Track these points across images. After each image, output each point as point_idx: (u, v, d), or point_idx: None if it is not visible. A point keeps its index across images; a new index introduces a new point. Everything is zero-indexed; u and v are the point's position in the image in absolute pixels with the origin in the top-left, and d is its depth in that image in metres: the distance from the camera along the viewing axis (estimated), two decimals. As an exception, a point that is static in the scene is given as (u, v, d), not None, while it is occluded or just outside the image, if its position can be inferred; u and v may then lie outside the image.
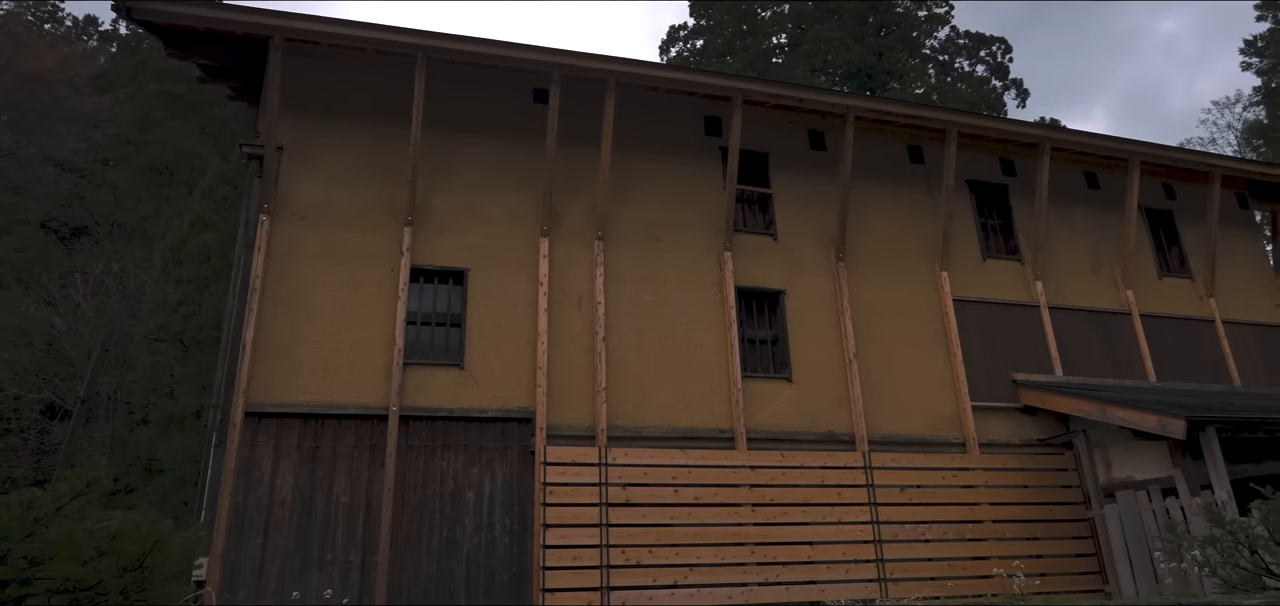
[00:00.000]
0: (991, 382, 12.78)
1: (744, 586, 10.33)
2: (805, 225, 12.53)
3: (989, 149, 14.01)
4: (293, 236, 9.88)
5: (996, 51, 48.81)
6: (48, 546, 3.37)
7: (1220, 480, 10.36)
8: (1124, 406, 11.36)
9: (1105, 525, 11.89)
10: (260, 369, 9.26)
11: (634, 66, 11.06)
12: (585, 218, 11.28)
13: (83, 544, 3.52)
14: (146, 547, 3.88)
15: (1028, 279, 13.67)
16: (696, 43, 46.50)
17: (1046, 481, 12.35)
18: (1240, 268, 15.64)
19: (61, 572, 3.47)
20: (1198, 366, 14.45)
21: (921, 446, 11.92)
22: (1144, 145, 14.26)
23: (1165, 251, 15.30)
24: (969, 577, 11.49)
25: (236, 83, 11.37)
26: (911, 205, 13.40)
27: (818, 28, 41.75)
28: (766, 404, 11.40)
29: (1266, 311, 15.65)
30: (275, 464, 9.12)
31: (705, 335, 11.35)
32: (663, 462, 10.47)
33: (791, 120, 12.81)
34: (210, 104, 49.42)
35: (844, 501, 11.16)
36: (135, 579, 3.79)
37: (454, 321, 10.45)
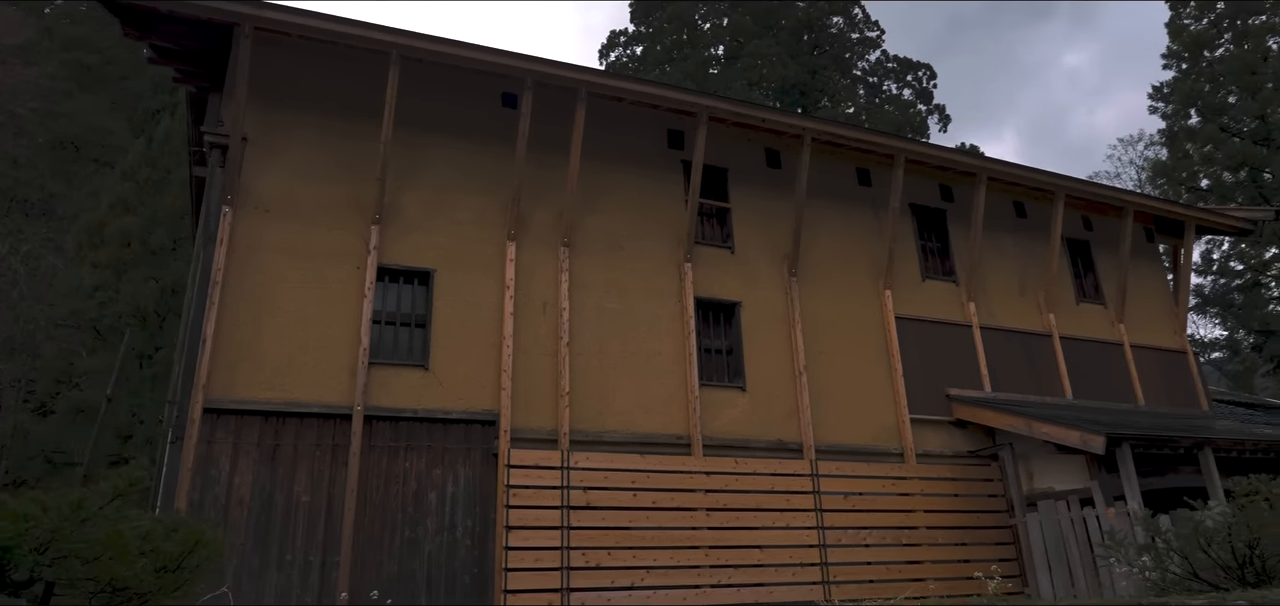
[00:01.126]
0: (928, 396, 13.51)
1: (697, 588, 10.66)
2: (760, 239, 12.99)
3: (931, 175, 14.80)
4: (256, 230, 9.67)
5: (922, 77, 50.87)
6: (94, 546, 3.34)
7: (1133, 492, 11.27)
8: (1049, 422, 12.23)
9: (1027, 532, 12.74)
10: (220, 364, 9.04)
11: (605, 77, 11.27)
12: (551, 223, 11.41)
13: (129, 544, 3.50)
14: (187, 548, 3.87)
15: (962, 299, 14.50)
16: (636, 49, 46.91)
17: (975, 490, 13.14)
18: (1146, 296, 16.95)
19: (107, 573, 3.44)
20: (1108, 386, 15.60)
21: (864, 456, 12.52)
22: (1069, 180, 15.33)
23: (1082, 279, 16.45)
24: (904, 581, 12.12)
25: (189, 67, 10.99)
26: (858, 225, 14.03)
27: (756, 42, 42.74)
28: (721, 412, 11.77)
29: (1167, 337, 17.00)
30: (234, 461, 8.93)
31: (665, 343, 11.64)
32: (622, 467, 10.70)
33: (749, 138, 13.24)
34: (121, 77, 46.91)
35: (792, 507, 11.63)
36: (172, 579, 3.78)
37: (419, 322, 10.42)
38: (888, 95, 50.92)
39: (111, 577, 3.47)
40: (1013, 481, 13.16)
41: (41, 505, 3.24)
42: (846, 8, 47.22)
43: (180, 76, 11.63)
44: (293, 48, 10.28)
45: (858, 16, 47.58)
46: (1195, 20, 22.51)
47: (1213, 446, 12.16)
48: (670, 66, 44.72)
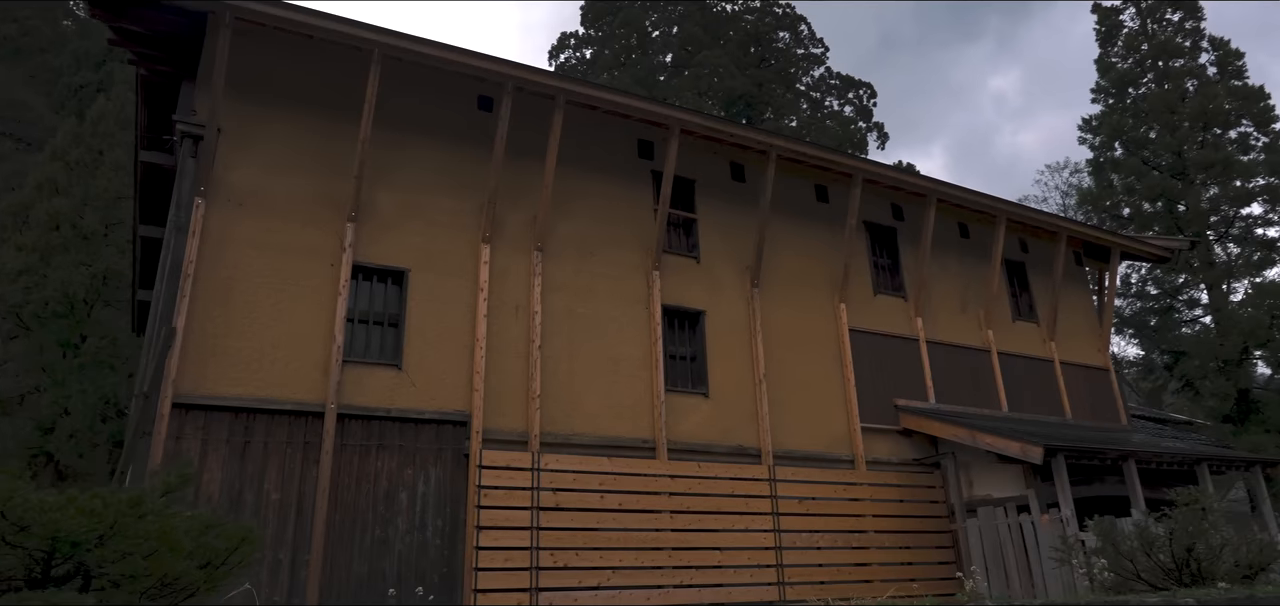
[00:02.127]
0: (877, 406, 14.12)
1: (661, 588, 10.94)
2: (725, 250, 13.37)
3: (883, 194, 15.46)
4: (229, 223, 9.52)
5: (863, 95, 52.42)
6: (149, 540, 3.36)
7: (1066, 499, 12.05)
8: (991, 433, 12.96)
9: (967, 536, 13.45)
10: (190, 359, 8.88)
11: (582, 86, 11.47)
12: (524, 227, 11.53)
13: (181, 540, 3.52)
14: (233, 544, 3.90)
15: (910, 314, 15.19)
16: (586, 52, 47.10)
17: (919, 496, 13.79)
18: (1074, 316, 18.04)
19: (160, 568, 3.45)
20: (1040, 400, 16.56)
21: (818, 462, 13.02)
22: (1010, 204, 16.23)
23: (1018, 298, 17.40)
24: (853, 583, 12.67)
25: (154, 52, 10.71)
26: (816, 239, 14.56)
27: (706, 52, 43.41)
28: (685, 417, 12.08)
29: (1092, 355, 18.13)
30: (203, 457, 8.78)
31: (632, 349, 11.88)
32: (591, 469, 10.90)
33: (716, 151, 13.62)
34: (40, 50, 44.52)
35: (751, 511, 12.02)
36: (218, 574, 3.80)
37: (392, 321, 10.41)
38: (830, 111, 52.31)
39: (163, 572, 3.50)
40: (954, 488, 13.87)
41: (103, 500, 3.26)
42: (793, 24, 48.39)
43: (140, 60, 11.32)
44: (268, 39, 10.14)
45: (804, 33, 48.82)
46: (1122, 59, 24.11)
47: (1136, 459, 13.08)
48: (619, 71, 45.05)
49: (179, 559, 3.51)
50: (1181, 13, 23.50)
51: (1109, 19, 24.62)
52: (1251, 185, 21.29)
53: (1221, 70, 22.71)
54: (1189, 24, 23.39)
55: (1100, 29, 24.70)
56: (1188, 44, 23.12)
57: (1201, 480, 13.82)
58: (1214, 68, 22.90)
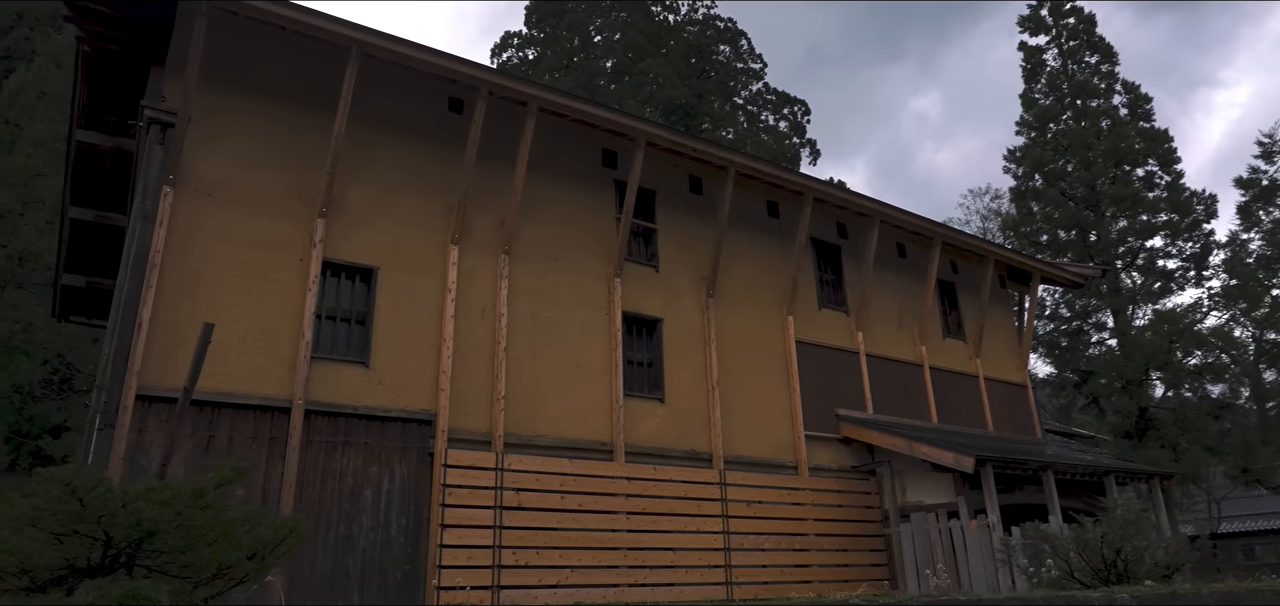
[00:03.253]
0: (820, 415, 14.79)
1: (616, 587, 11.25)
2: (682, 260, 13.80)
3: (830, 212, 16.18)
4: (197, 214, 9.37)
5: (798, 111, 53.89)
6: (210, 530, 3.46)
7: (993, 506, 12.94)
8: (926, 443, 13.78)
9: (900, 540, 14.23)
10: (155, 350, 8.72)
11: (555, 94, 11.71)
12: (492, 230, 11.68)
13: (237, 530, 3.61)
14: (281, 535, 4.00)
15: (851, 328, 15.95)
16: (529, 52, 47.02)
17: (856, 502, 14.52)
18: (998, 335, 19.21)
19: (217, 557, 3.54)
20: (966, 413, 17.59)
21: (765, 467, 13.57)
22: (945, 228, 17.22)
23: (948, 316, 18.44)
24: (795, 583, 13.26)
25: (116, 33, 10.43)
26: (767, 253, 15.15)
27: (649, 61, 43.97)
28: (642, 421, 12.44)
29: (1012, 372, 19.34)
30: (167, 452, 8.62)
31: (593, 353, 12.17)
32: (552, 470, 11.13)
33: (676, 163, 14.04)
34: (-61, 13, 41.79)
35: (702, 513, 12.47)
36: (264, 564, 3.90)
37: (360, 319, 10.41)
38: (765, 125, 53.62)
39: (220, 561, 3.59)
40: (889, 495, 14.65)
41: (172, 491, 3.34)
42: (734, 39, 49.48)
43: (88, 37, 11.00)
44: (241, 30, 10.02)
45: (744, 48, 49.96)
46: (1044, 96, 25.79)
47: (1054, 470, 14.11)
48: (562, 74, 45.17)
49: (235, 549, 3.64)
50: (1098, 56, 25.36)
51: (1034, 57, 26.32)
52: (1154, 220, 23.17)
53: (1132, 112, 24.60)
54: (1105, 68, 25.26)
55: (1026, 66, 26.37)
56: (1103, 86, 24.94)
57: (1108, 491, 15.01)
58: (1126, 109, 24.77)
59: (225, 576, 3.69)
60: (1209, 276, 23.54)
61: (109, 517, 3.26)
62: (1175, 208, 22.89)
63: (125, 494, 3.27)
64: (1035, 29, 26.51)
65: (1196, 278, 23.50)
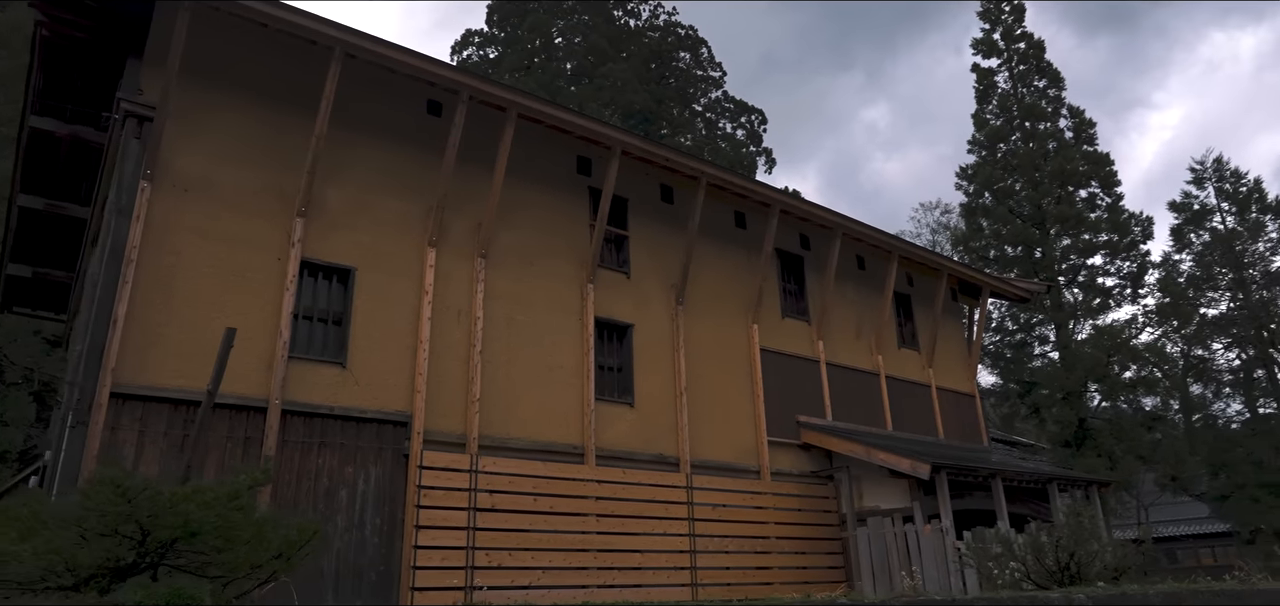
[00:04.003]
0: (782, 421, 15.20)
1: (585, 588, 11.44)
2: (653, 267, 14.05)
3: (794, 224, 16.63)
4: (174, 209, 9.26)
5: (754, 120, 54.67)
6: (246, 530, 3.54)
7: (947, 511, 13.50)
8: (884, 450, 14.29)
9: (856, 544, 14.72)
10: (130, 347, 8.61)
11: (534, 101, 11.83)
12: (468, 233, 11.76)
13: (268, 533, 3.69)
14: (306, 537, 4.08)
15: (813, 337, 16.42)
16: (490, 51, 46.79)
17: (815, 506, 14.97)
18: (949, 346, 19.95)
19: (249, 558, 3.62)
20: (918, 420, 18.24)
21: (730, 472, 13.91)
22: (903, 242, 17.83)
23: (903, 327, 19.08)
24: (756, 585, 13.62)
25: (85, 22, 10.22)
26: (733, 262, 15.51)
27: (611, 65, 44.18)
28: (612, 425, 12.65)
29: (962, 382, 20.10)
30: (139, 450, 8.54)
31: (566, 358, 12.34)
32: (525, 473, 11.27)
33: (648, 172, 14.29)
34: None
35: (669, 516, 12.74)
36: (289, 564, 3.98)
37: (336, 319, 10.40)
38: (723, 133, 54.30)
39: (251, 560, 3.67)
40: (847, 499, 15.13)
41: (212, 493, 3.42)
42: (695, 47, 50.01)
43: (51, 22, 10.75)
44: (222, 24, 9.93)
45: (704, 56, 50.53)
46: (995, 117, 26.84)
47: (1002, 477, 14.77)
48: (523, 75, 45.08)
49: (266, 549, 3.73)
50: (1046, 81, 26.51)
51: (986, 79, 27.37)
52: (1096, 239, 24.34)
53: (1077, 135, 25.78)
54: (1052, 92, 26.42)
55: (979, 87, 27.41)
56: (1051, 109, 26.08)
57: (1051, 497, 15.76)
58: (1071, 132, 25.96)
59: (254, 575, 3.79)
60: (1144, 294, 24.86)
61: (156, 518, 3.33)
62: (1115, 228, 24.08)
63: (173, 495, 3.34)
64: (988, 52, 27.59)
65: (1132, 295, 24.77)
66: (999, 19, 27.45)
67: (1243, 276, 23.78)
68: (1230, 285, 24.05)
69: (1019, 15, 27.37)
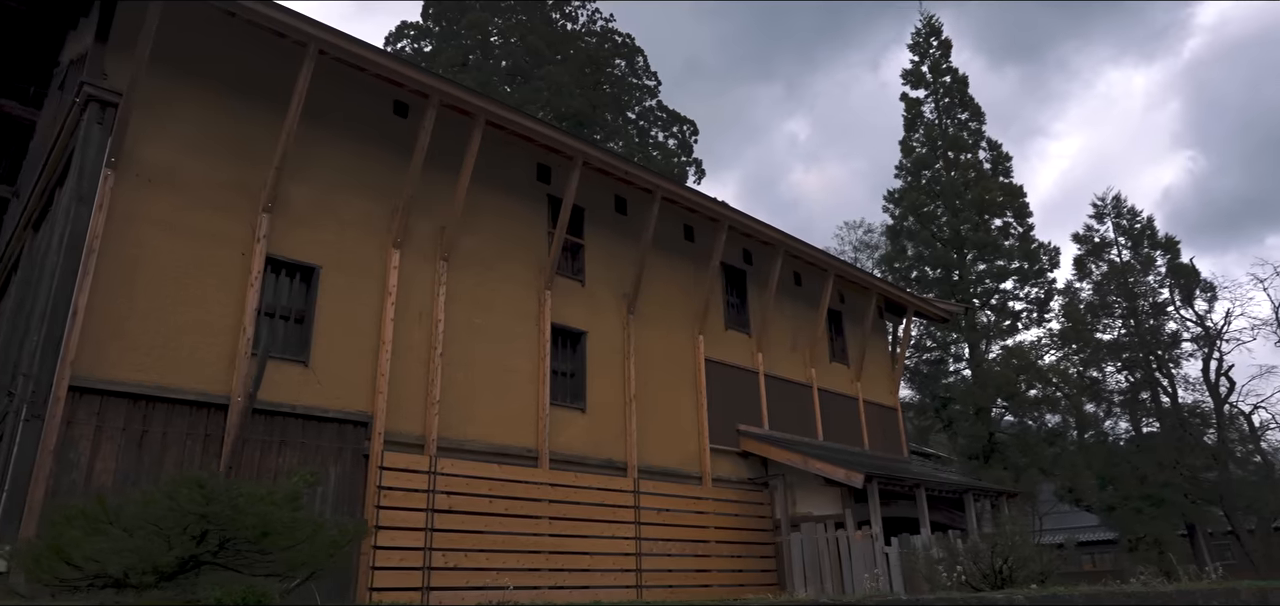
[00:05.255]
0: (723, 429, 15.78)
1: (537, 589, 11.68)
2: (607, 276, 14.39)
3: (737, 239, 17.25)
4: (137, 200, 9.04)
5: (686, 130, 55.43)
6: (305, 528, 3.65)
7: (877, 518, 14.32)
8: (820, 459, 15.03)
9: (790, 549, 15.41)
10: (89, 339, 8.38)
11: (502, 108, 11.98)
12: (431, 236, 11.82)
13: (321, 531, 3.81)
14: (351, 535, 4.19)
15: (753, 350, 17.08)
16: (425, 45, 46.09)
17: (751, 512, 15.60)
18: (875, 362, 21.01)
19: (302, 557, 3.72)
20: (846, 431, 19.17)
21: (674, 477, 14.38)
22: (838, 261, 18.73)
23: (834, 342, 20.00)
24: (696, 587, 14.13)
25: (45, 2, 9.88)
26: (683, 274, 16.01)
27: (548, 68, 44.21)
28: (565, 430, 12.92)
29: (885, 396, 21.20)
30: (96, 446, 8.32)
31: (523, 362, 12.54)
32: (482, 475, 11.42)
33: (603, 183, 14.61)
34: None
35: (617, 519, 13.09)
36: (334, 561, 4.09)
37: (299, 317, 10.32)
38: (655, 142, 54.95)
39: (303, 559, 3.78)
40: (781, 505, 15.83)
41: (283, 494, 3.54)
42: (631, 54, 50.52)
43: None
44: (191, 13, 9.74)
45: (640, 65, 51.09)
46: (921, 145, 28.37)
47: (926, 486, 15.74)
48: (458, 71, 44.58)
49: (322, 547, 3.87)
50: (969, 114, 28.22)
51: (914, 109, 28.91)
52: (1008, 266, 26.06)
53: (995, 167, 27.54)
54: (974, 125, 28.14)
55: (907, 116, 28.92)
56: (972, 141, 27.78)
57: (967, 506, 16.88)
58: (989, 164, 27.70)
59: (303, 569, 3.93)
60: (1049, 318, 26.73)
61: (238, 517, 3.44)
62: (1025, 256, 25.84)
63: (250, 496, 3.46)
64: (916, 83, 29.13)
65: (1039, 319, 26.63)
66: (927, 53, 29.07)
67: (1134, 305, 25.89)
68: (1123, 313, 26.13)
69: (946, 50, 29.04)
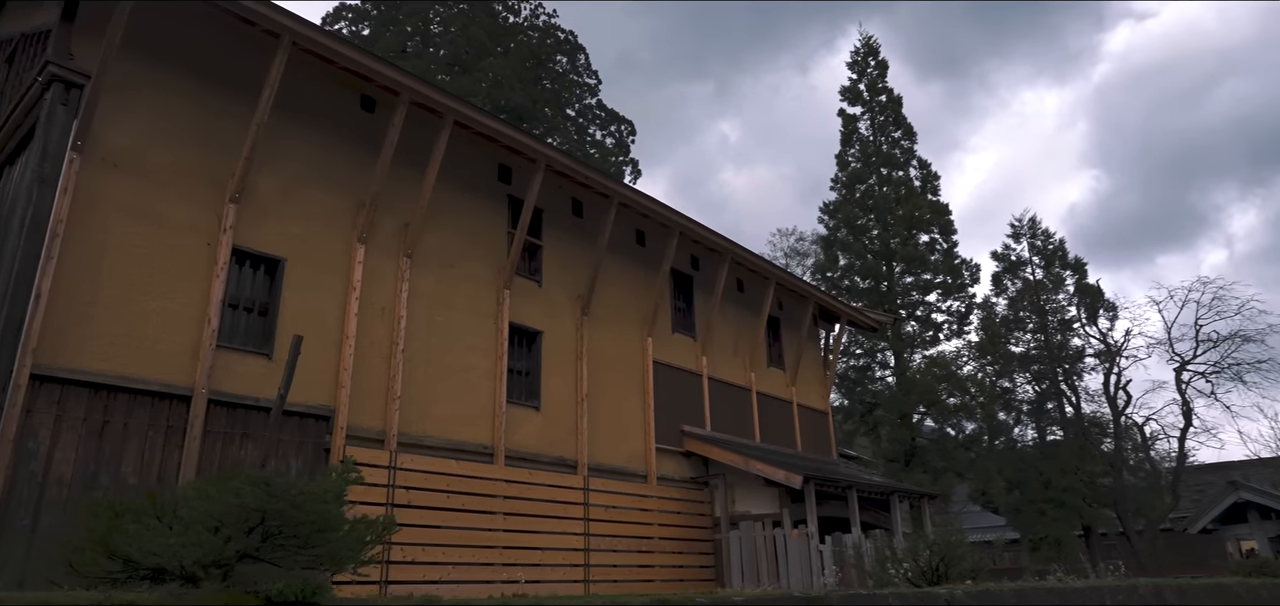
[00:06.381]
0: (668, 430, 16.29)
1: (490, 583, 11.92)
2: (562, 278, 14.68)
3: (687, 245, 17.78)
4: (103, 184, 8.86)
5: (623, 130, 55.97)
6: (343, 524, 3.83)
7: (813, 518, 15.08)
8: (761, 461, 15.70)
9: (728, 546, 16.05)
10: (51, 326, 8.21)
11: (471, 110, 12.12)
12: (395, 232, 11.88)
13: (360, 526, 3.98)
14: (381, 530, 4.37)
15: (698, 353, 17.65)
16: (364, 28, 45.11)
17: (692, 510, 16.17)
18: (809, 367, 21.92)
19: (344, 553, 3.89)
20: (781, 434, 19.97)
21: (621, 475, 14.80)
22: (780, 270, 19.49)
23: (772, 347, 20.78)
24: (639, 582, 14.59)
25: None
26: (633, 277, 16.42)
27: (490, 60, 43.92)
28: (520, 427, 13.17)
29: (817, 400, 22.13)
30: (55, 435, 8.17)
31: (481, 360, 12.73)
32: (440, 471, 11.58)
33: (561, 185, 14.90)
34: None
35: (567, 516, 13.43)
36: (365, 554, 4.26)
37: (263, 309, 10.27)
38: (593, 140, 55.21)
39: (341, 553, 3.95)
40: (721, 504, 16.45)
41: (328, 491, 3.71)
42: (573, 52, 50.63)
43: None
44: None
45: (582, 63, 51.27)
46: (856, 160, 29.62)
47: (857, 488, 16.62)
48: (397, 57, 43.83)
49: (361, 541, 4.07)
50: (902, 133, 29.62)
51: (850, 125, 30.15)
52: (933, 280, 27.51)
53: (923, 185, 29.00)
54: (906, 144, 29.55)
55: (844, 131, 30.15)
56: (903, 158, 29.18)
57: (893, 507, 17.88)
58: (919, 181, 29.15)
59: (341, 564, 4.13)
60: (969, 331, 28.32)
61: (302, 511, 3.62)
62: (949, 271, 27.32)
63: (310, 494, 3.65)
64: (853, 100, 30.36)
65: (959, 330, 28.17)
66: (865, 72, 30.34)
67: (1044, 321, 27.70)
68: (1034, 328, 27.92)
69: (882, 70, 30.38)
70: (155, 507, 3.74)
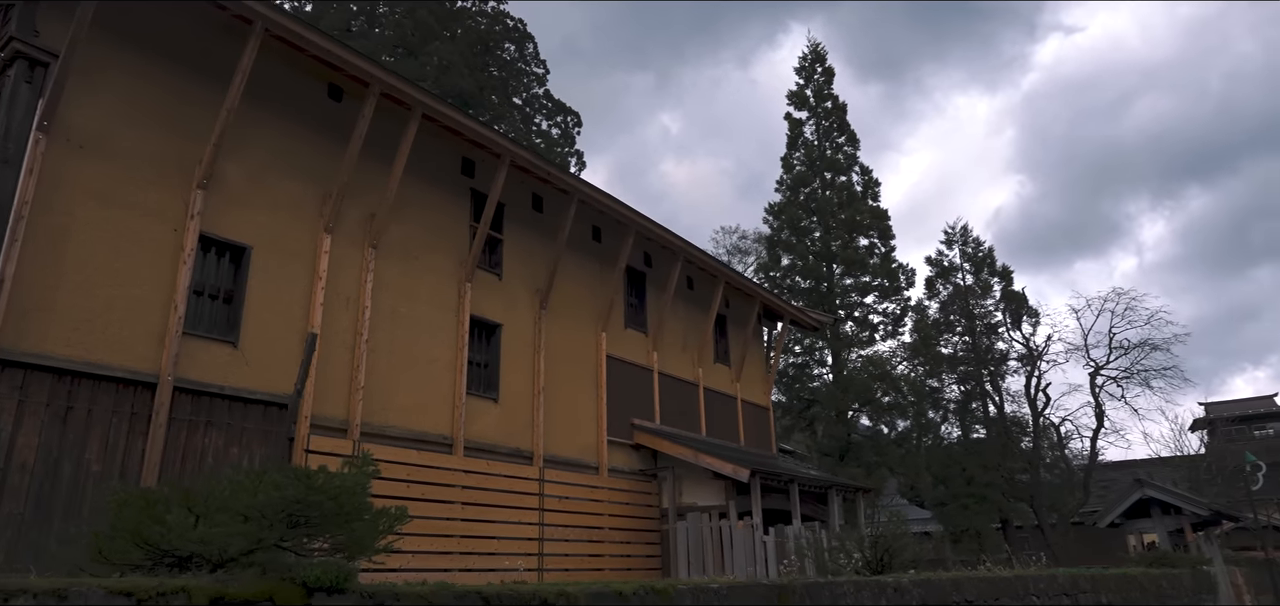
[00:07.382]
0: (619, 423, 16.69)
1: (449, 571, 12.11)
2: (522, 272, 14.89)
3: (640, 242, 18.17)
4: (68, 166, 8.71)
5: (570, 121, 55.87)
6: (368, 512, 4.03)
7: (758, 510, 15.70)
8: (709, 454, 16.25)
9: (676, 536, 16.56)
10: (15, 310, 8.08)
11: (438, 103, 12.23)
12: (361, 223, 11.92)
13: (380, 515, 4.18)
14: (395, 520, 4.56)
15: (649, 349, 18.08)
16: (307, 5, 43.89)
17: (641, 501, 16.63)
18: (753, 364, 22.61)
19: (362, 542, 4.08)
20: (726, 428, 20.60)
21: (574, 467, 15.14)
22: (729, 270, 20.05)
23: (718, 344, 21.38)
24: (590, 570, 14.97)
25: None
26: (589, 272, 16.73)
27: (437, 44, 43.35)
28: (479, 418, 13.37)
29: (760, 396, 22.86)
30: (18, 420, 8.05)
31: (443, 351, 12.87)
32: (401, 460, 11.71)
33: (522, 180, 15.09)
34: None
35: (523, 506, 13.71)
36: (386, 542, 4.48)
37: (228, 297, 10.22)
38: (538, 130, 55.01)
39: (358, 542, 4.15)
40: (669, 496, 16.96)
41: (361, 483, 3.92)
42: (521, 41, 50.31)
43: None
44: (128, -23, 9.43)
45: (530, 52, 50.98)
46: (801, 163, 30.48)
47: (799, 482, 17.34)
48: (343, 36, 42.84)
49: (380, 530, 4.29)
50: (846, 139, 30.61)
51: (796, 129, 31.01)
52: (872, 282, 28.61)
53: (865, 190, 30.07)
54: (849, 149, 30.56)
55: (790, 135, 30.99)
56: (846, 164, 30.18)
57: (830, 501, 18.70)
58: (861, 186, 30.20)
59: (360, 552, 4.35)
60: (903, 332, 29.58)
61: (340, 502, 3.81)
62: (886, 274, 28.46)
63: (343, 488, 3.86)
64: (799, 104, 31.21)
65: (894, 331, 29.40)
66: (811, 78, 31.23)
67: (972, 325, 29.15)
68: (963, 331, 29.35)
69: (829, 77, 31.32)
70: (186, 498, 3.91)
